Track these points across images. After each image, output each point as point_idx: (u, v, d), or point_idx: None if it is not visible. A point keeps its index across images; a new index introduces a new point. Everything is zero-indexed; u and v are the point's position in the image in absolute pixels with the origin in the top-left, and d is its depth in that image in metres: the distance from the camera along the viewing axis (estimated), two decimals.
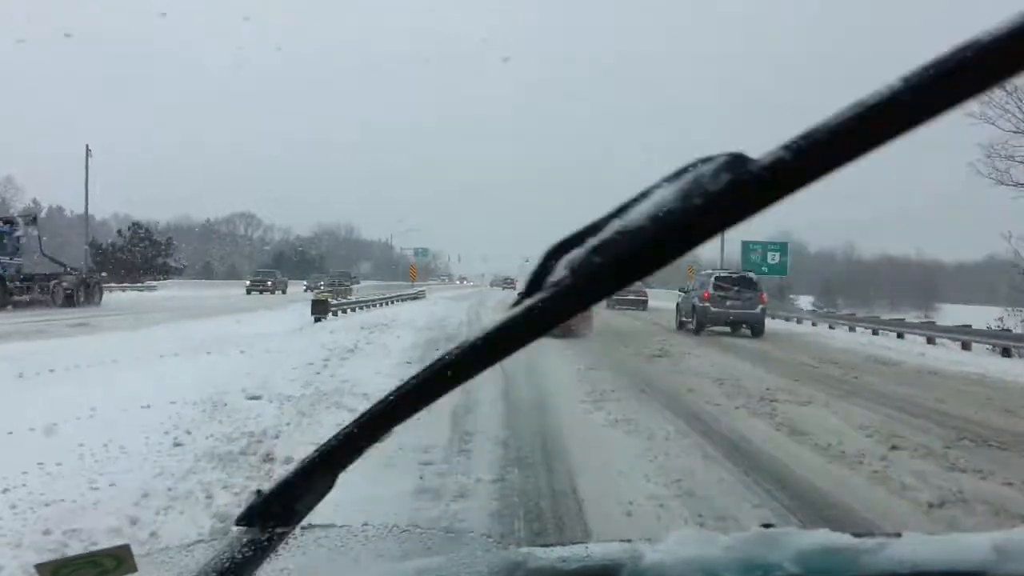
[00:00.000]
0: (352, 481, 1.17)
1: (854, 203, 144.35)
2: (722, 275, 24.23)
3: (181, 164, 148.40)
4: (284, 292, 47.85)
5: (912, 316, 39.04)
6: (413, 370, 0.87)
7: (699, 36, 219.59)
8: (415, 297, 42.94)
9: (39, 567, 0.88)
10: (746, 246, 40.11)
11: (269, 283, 49.00)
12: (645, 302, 40.23)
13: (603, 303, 40.70)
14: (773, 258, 39.85)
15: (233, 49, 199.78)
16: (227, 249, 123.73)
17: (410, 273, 50.04)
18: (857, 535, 1.07)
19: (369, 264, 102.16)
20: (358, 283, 48.79)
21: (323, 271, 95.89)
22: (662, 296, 43.44)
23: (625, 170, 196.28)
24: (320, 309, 24.42)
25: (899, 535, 1.08)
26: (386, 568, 1.13)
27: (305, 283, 50.68)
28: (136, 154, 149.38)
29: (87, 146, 44.31)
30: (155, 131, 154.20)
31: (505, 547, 1.16)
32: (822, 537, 1.04)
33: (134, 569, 0.92)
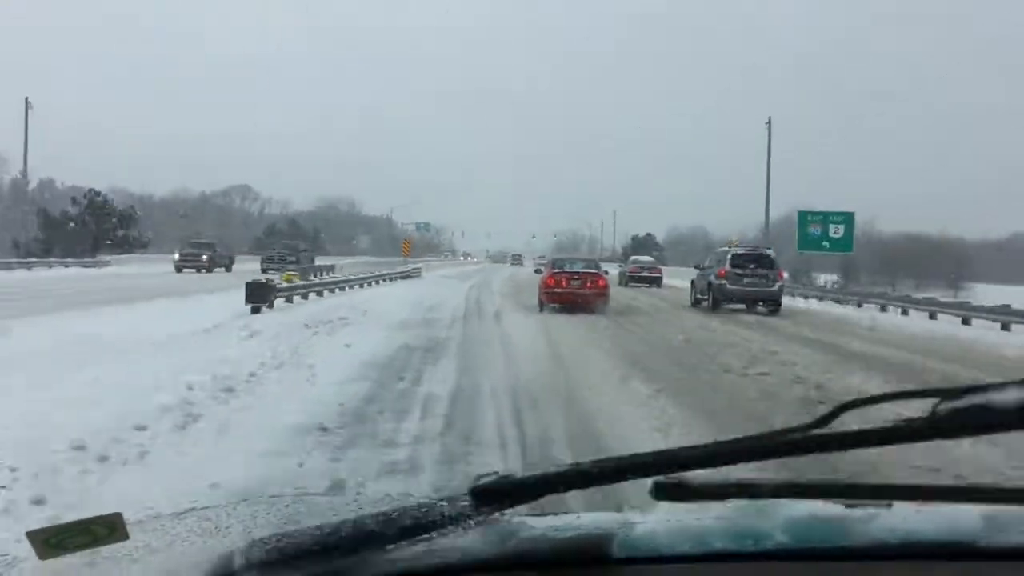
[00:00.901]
0: None
1: (874, 181, 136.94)
2: (739, 252, 22.72)
3: (182, 139, 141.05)
4: (229, 269, 38.07)
5: (943, 295, 33.70)
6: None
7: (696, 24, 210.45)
8: (407, 276, 35.47)
9: (31, 534, 0.88)
10: (803, 217, 32.61)
11: (204, 258, 38.05)
12: (659, 279, 37.32)
13: (616, 279, 33.83)
14: (836, 231, 32.32)
15: (238, 26, 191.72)
16: (222, 223, 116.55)
17: (403, 248, 42.17)
18: (848, 505, 1.06)
19: (368, 239, 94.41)
20: (310, 257, 39.38)
21: (316, 244, 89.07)
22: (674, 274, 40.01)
23: (626, 146, 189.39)
24: (259, 296, 16.99)
25: (889, 505, 1.06)
26: (379, 536, 1.04)
27: (262, 259, 42.70)
28: (135, 128, 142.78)
29: (27, 99, 36.75)
30: (157, 106, 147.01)
31: (499, 517, 1.13)
32: (812, 506, 1.03)
33: (126, 536, 0.92)
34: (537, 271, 25.17)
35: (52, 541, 0.87)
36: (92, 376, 8.00)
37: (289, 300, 19.65)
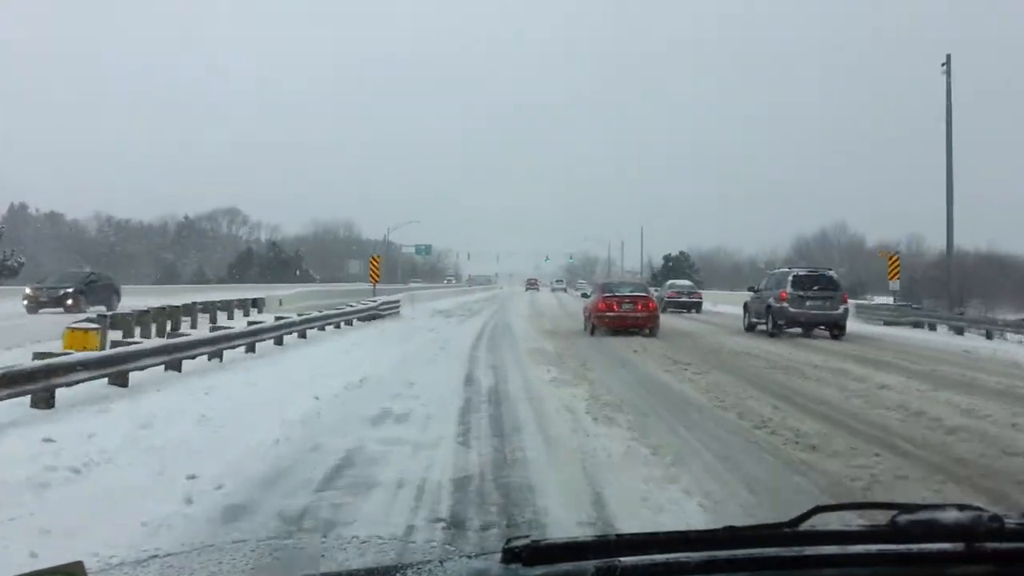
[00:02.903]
0: None
1: (917, 193, 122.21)
2: (801, 273, 20.37)
3: (173, 164, 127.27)
4: None
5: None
6: None
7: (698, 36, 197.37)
8: (374, 315, 20.71)
9: None
10: None
11: None
12: (699, 304, 33.88)
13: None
14: None
15: (231, 52, 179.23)
16: (205, 247, 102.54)
17: (370, 271, 26.76)
18: None
19: (359, 263, 79.60)
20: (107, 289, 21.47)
21: (301, 273, 74.35)
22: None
23: (637, 166, 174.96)
24: None
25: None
26: None
27: (27, 290, 25.53)
28: (123, 154, 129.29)
29: None
30: (147, 131, 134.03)
31: (468, 556, 1.11)
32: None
33: None
34: (584, 295, 23.88)
35: None
36: None
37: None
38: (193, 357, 10.61)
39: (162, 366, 9.88)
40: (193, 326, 18.00)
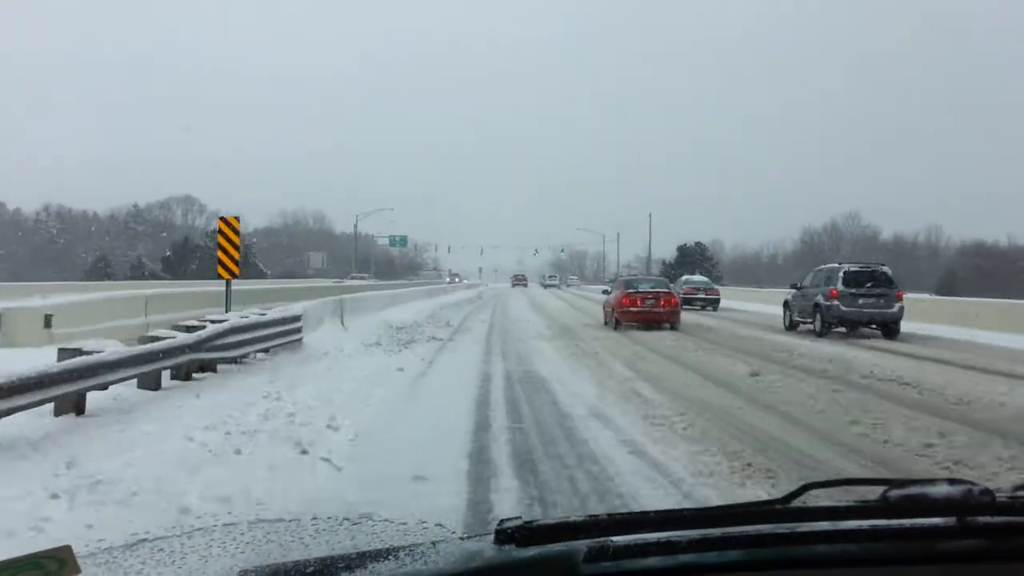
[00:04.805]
0: None
1: (933, 186, 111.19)
2: (853, 269, 18.65)
3: (163, 164, 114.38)
4: None
5: None
6: None
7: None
8: (200, 365, 8.14)
9: None
10: None
11: None
12: (717, 301, 31.26)
13: None
14: None
15: (198, 40, 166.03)
16: (158, 240, 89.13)
17: (219, 257, 13.15)
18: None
19: (321, 256, 66.51)
20: None
21: (250, 267, 61.34)
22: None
23: (627, 157, 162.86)
24: None
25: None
26: (337, 560, 0.98)
27: None
28: (78, 145, 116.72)
29: None
30: (137, 130, 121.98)
31: (461, 537, 1.10)
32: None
33: (77, 571, 0.84)
34: (605, 292, 23.22)
35: None
36: None
37: None
38: None
39: None
40: None
